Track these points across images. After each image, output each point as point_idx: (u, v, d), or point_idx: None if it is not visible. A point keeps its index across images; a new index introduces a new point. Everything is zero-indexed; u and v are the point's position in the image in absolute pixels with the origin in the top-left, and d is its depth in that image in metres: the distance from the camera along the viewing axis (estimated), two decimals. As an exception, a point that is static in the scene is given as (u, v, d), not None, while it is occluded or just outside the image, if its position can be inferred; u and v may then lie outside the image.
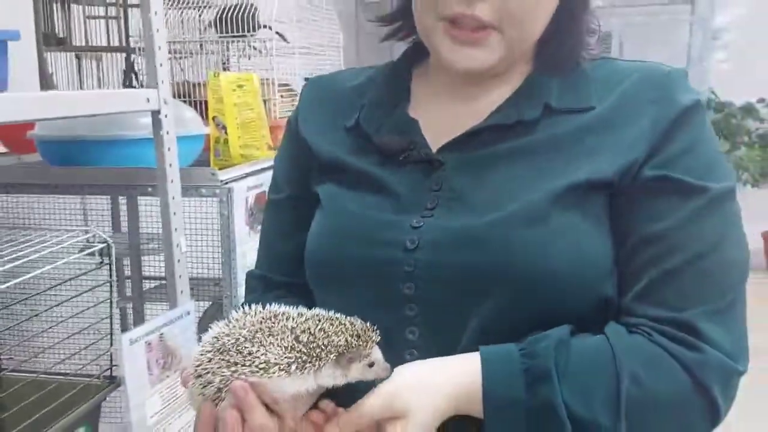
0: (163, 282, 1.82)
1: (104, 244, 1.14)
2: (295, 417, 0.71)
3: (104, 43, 2.02)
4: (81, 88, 2.00)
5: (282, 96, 1.89)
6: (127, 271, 1.74)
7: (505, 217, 0.75)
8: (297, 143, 0.92)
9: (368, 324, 0.71)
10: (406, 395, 0.70)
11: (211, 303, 1.67)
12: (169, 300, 1.37)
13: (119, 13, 1.97)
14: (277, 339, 0.70)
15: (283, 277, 0.92)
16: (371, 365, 0.71)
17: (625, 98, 0.78)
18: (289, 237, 0.92)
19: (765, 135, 5.88)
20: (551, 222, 0.74)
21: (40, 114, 1.02)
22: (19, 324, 1.10)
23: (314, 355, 0.68)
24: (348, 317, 0.72)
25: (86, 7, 1.97)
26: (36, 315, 1.13)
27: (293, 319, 0.71)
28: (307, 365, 0.68)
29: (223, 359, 0.71)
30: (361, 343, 0.69)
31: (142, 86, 2.03)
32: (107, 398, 1.26)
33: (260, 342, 0.70)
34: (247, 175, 1.55)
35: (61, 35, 1.90)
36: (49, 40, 1.87)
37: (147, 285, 1.77)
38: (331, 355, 0.68)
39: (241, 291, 1.29)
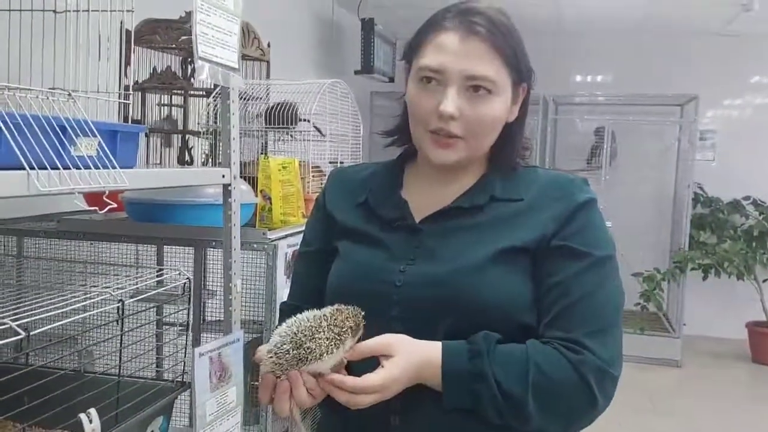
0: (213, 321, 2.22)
1: (186, 279, 1.54)
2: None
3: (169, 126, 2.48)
4: (147, 162, 2.44)
5: (313, 176, 2.32)
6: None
7: (458, 268, 1.18)
8: (324, 214, 1.37)
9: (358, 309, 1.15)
10: (396, 345, 1.11)
11: (252, 337, 2.06)
12: (224, 329, 1.76)
13: (183, 102, 2.44)
14: (321, 334, 1.10)
15: (308, 305, 1.31)
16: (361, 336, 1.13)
17: (542, 193, 1.22)
18: (314, 278, 1.35)
19: (750, 230, 6.09)
20: (487, 272, 1.17)
21: (156, 184, 1.44)
22: (116, 336, 1.49)
23: (341, 337, 1.09)
24: (347, 307, 1.15)
25: (159, 95, 2.44)
26: (130, 330, 1.52)
27: (325, 317, 1.13)
28: (339, 345, 1.09)
29: (286, 350, 1.12)
30: (360, 322, 1.13)
31: (192, 162, 2.48)
32: (178, 399, 1.64)
33: (310, 337, 1.11)
34: (287, 236, 1.98)
35: (137, 117, 2.36)
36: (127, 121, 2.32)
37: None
38: (350, 335, 1.11)
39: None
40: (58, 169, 1.09)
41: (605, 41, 6.52)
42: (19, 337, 1.03)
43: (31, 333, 1.19)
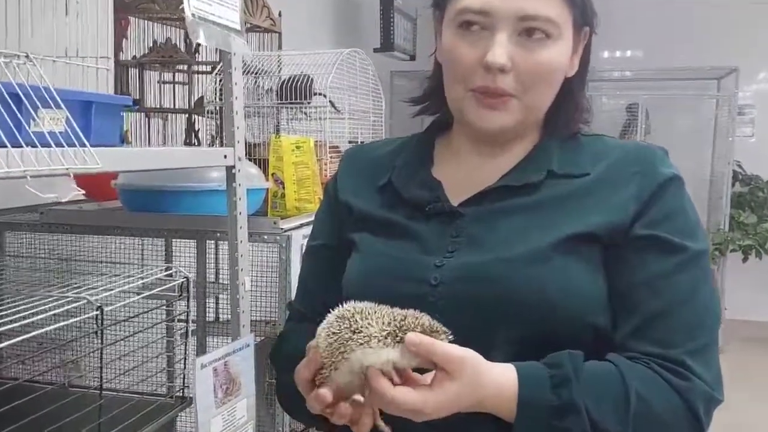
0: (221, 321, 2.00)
1: (185, 279, 1.32)
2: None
3: (171, 105, 2.26)
4: (149, 143, 2.22)
5: (331, 157, 2.08)
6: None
7: (512, 258, 0.93)
8: (335, 204, 1.11)
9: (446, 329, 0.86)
10: (466, 367, 0.83)
11: (262, 339, 1.83)
12: (232, 333, 1.54)
13: (187, 79, 2.21)
14: (376, 319, 0.86)
15: (313, 313, 1.07)
16: None
17: (615, 167, 0.97)
18: (320, 280, 1.11)
19: (791, 208, 5.92)
20: (549, 263, 0.92)
21: (139, 166, 1.21)
22: (105, 346, 1.27)
23: (404, 329, 0.84)
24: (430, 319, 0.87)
25: (160, 73, 2.21)
26: (122, 339, 1.30)
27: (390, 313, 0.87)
28: (398, 337, 0.84)
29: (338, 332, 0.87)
30: (438, 330, 0.85)
31: (199, 144, 2.25)
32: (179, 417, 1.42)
33: (365, 318, 0.86)
34: (302, 225, 1.74)
35: (136, 97, 2.13)
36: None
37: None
38: (417, 329, 0.84)
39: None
40: (5, 147, 0.86)
41: (634, 13, 6.21)
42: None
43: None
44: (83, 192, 0.90)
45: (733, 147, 5.65)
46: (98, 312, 1.09)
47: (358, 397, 0.88)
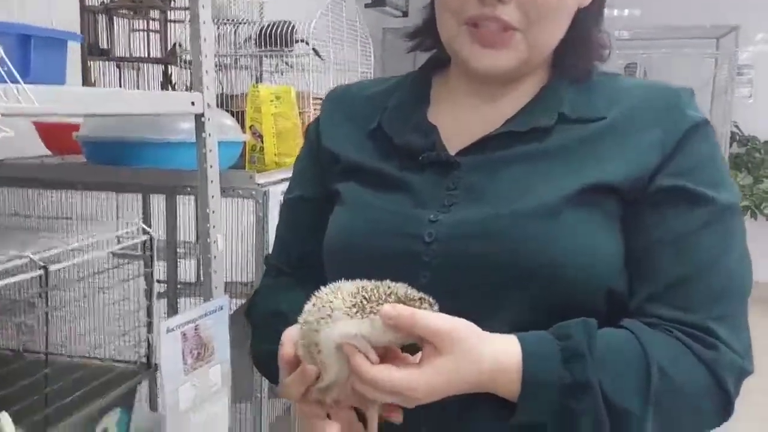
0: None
1: (147, 237, 1.20)
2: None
3: (144, 55, 2.12)
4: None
5: (315, 108, 1.96)
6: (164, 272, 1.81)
7: (517, 211, 0.80)
8: (317, 150, 0.98)
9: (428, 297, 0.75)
10: (458, 339, 0.72)
11: (244, 302, 1.73)
12: (204, 294, 1.43)
13: (160, 27, 2.07)
14: (343, 292, 0.74)
15: (290, 268, 0.98)
16: None
17: (636, 110, 0.84)
18: (298, 233, 0.99)
19: (789, 170, 5.85)
20: (561, 218, 0.79)
21: (84, 109, 1.09)
22: (62, 308, 1.16)
23: (374, 300, 0.72)
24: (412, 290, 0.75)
25: (130, 21, 2.07)
26: (78, 301, 1.19)
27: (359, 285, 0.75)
28: (367, 308, 0.72)
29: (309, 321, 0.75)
30: (418, 301, 0.73)
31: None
32: (143, 385, 1.31)
33: (333, 293, 0.75)
34: (282, 180, 1.62)
35: (104, 46, 2.00)
36: (93, 50, 1.96)
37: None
38: (391, 299, 0.72)
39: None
40: None
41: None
42: None
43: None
44: (11, 133, 0.78)
45: (732, 107, 5.53)
46: (42, 272, 0.97)
47: None
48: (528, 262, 0.78)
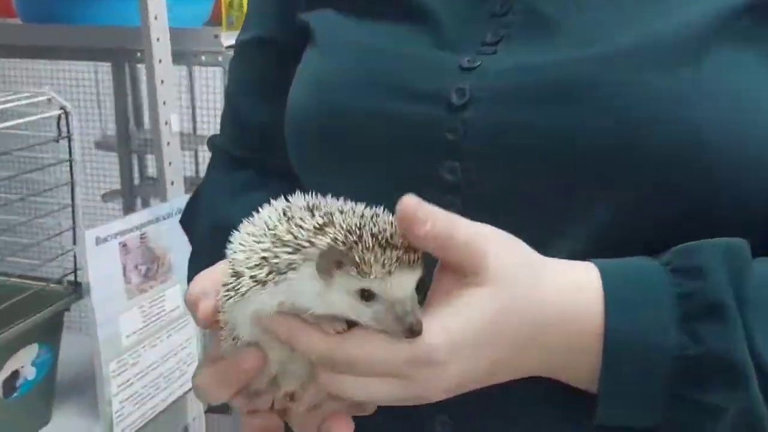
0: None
1: (61, 111, 0.86)
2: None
3: None
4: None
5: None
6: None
7: (621, 53, 0.44)
8: None
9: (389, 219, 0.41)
10: (497, 252, 0.40)
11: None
12: (159, 194, 1.10)
13: None
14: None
15: (245, 153, 0.65)
16: (367, 294, 0.39)
17: None
18: (254, 96, 0.65)
19: None
20: (703, 63, 0.43)
21: None
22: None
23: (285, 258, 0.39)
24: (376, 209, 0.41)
25: None
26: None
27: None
28: (273, 272, 0.39)
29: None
30: (353, 243, 0.39)
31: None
32: (74, 312, 1.01)
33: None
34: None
35: None
36: None
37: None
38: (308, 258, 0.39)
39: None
40: None
41: None
42: None
43: None
44: None
45: None
46: None
47: None
48: (638, 144, 0.42)
